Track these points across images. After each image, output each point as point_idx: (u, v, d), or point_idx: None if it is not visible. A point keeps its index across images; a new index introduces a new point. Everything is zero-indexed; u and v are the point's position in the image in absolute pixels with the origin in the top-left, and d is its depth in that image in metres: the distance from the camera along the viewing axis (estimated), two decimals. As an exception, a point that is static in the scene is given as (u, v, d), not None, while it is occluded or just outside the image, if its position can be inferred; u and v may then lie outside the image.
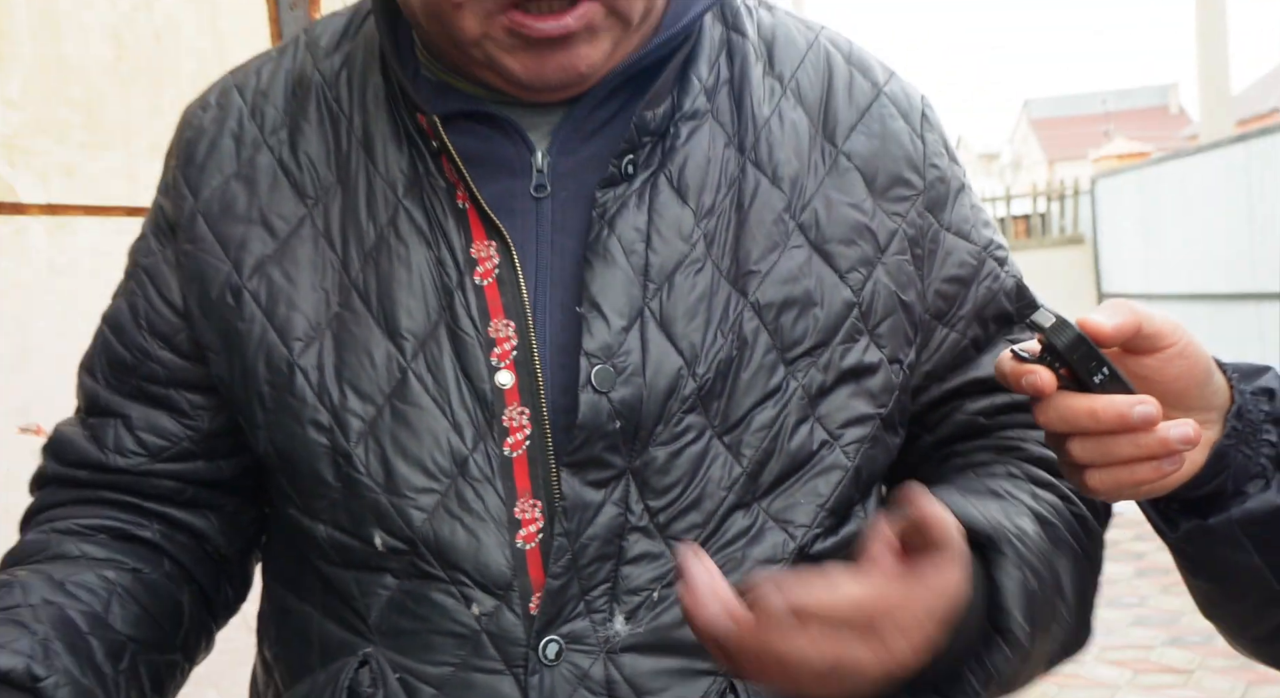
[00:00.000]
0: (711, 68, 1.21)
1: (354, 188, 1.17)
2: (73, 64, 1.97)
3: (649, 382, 1.12)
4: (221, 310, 1.17)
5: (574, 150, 1.17)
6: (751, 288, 1.15)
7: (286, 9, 2.26)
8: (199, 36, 2.13)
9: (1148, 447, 0.99)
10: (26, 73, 1.91)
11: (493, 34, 1.08)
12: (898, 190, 1.20)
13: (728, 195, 1.18)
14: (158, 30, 2.08)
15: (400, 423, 1.12)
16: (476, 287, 1.13)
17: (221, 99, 1.23)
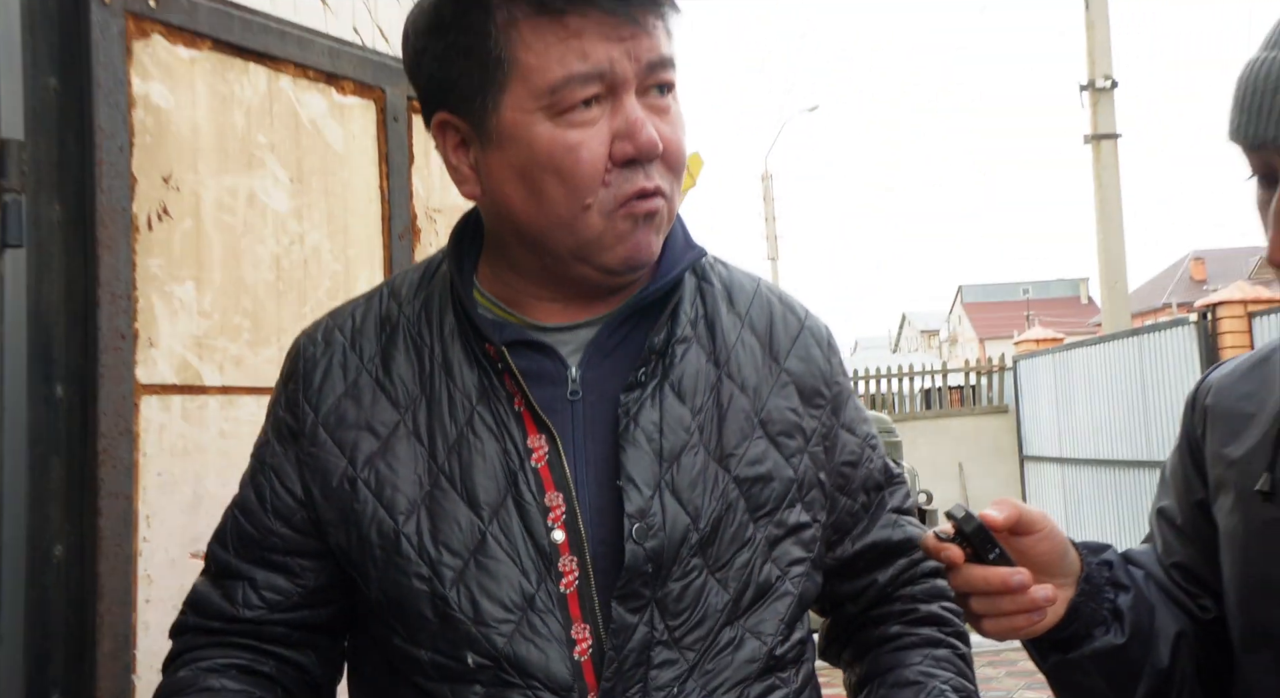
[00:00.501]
0: (692, 306, 1.32)
1: (438, 398, 1.25)
2: (246, 284, 2.06)
3: (668, 535, 1.21)
4: (341, 495, 1.25)
5: (597, 365, 1.27)
6: (732, 466, 1.26)
7: (396, 240, 2.38)
8: (334, 262, 2.24)
9: (1022, 603, 1.13)
10: (215, 291, 2.01)
11: (611, 229, 1.20)
12: (816, 399, 1.34)
13: (711, 398, 1.28)
14: (305, 258, 2.19)
15: (483, 571, 1.20)
16: (534, 469, 1.22)
17: (326, 337, 1.32)
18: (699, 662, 1.23)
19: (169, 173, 1.95)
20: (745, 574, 1.26)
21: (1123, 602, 1.22)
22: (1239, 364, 1.32)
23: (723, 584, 1.25)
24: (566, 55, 1.16)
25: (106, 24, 1.85)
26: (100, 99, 1.83)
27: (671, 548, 1.21)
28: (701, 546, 1.23)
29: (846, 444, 1.36)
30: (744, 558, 1.26)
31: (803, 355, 1.35)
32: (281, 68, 2.17)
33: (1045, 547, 1.18)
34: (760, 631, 1.26)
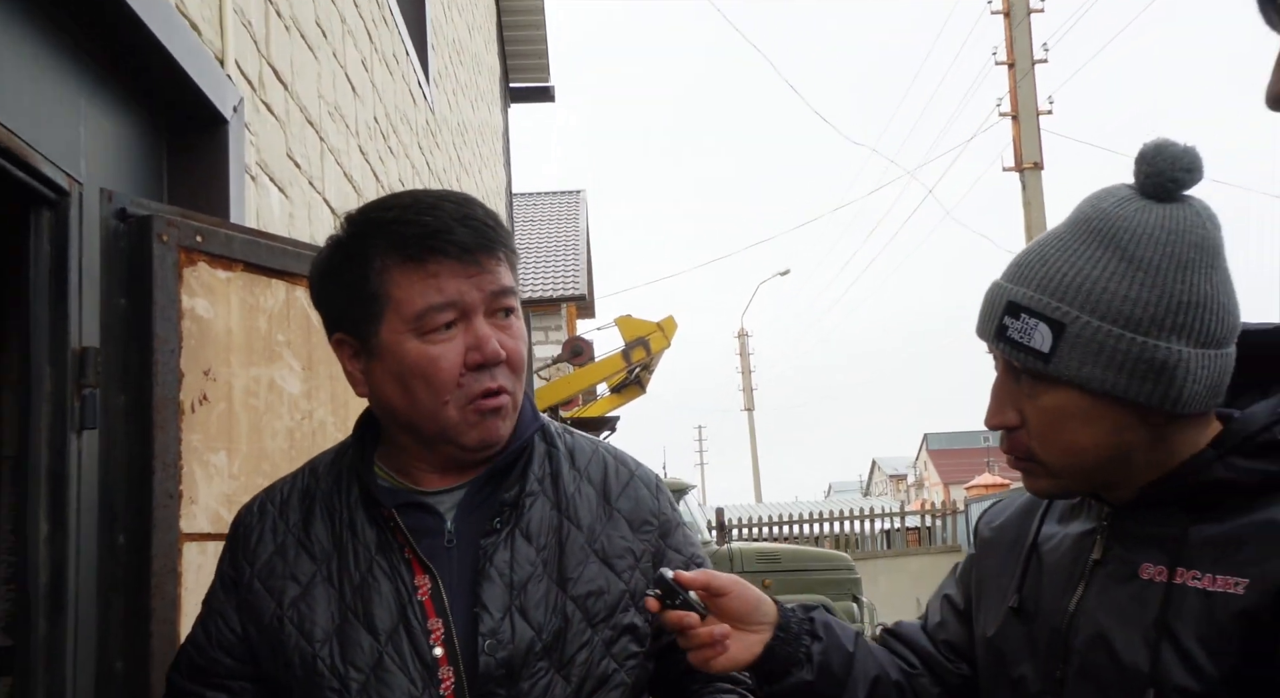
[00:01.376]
0: (540, 466, 1.51)
1: (345, 551, 1.44)
2: (266, 452, 2.36)
3: (515, 646, 1.38)
4: (270, 630, 1.43)
5: (466, 518, 1.45)
6: (569, 587, 1.44)
7: None
8: (336, 432, 2.52)
9: (702, 638, 1.34)
10: (242, 458, 2.31)
11: (465, 418, 1.39)
12: (644, 528, 1.53)
13: (553, 537, 1.46)
14: (314, 430, 2.50)
15: (381, 682, 1.37)
16: (419, 601, 1.40)
17: (260, 509, 1.52)
18: None
19: (208, 367, 2.30)
20: (585, 669, 1.42)
21: (815, 648, 1.38)
22: (1013, 506, 1.52)
23: (566, 679, 1.41)
24: (427, 291, 1.37)
25: (164, 256, 2.23)
26: (158, 314, 2.19)
27: (519, 656, 1.38)
28: (546, 651, 1.40)
29: (673, 561, 1.53)
30: (584, 656, 1.42)
31: (632, 496, 1.54)
32: (296, 281, 2.53)
33: (737, 604, 1.37)
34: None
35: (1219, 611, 1.17)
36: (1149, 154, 1.25)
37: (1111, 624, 1.25)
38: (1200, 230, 1.23)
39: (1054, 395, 1.25)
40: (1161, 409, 1.23)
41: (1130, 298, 1.21)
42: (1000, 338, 1.28)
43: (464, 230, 1.39)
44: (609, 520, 1.51)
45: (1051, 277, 1.25)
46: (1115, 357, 1.21)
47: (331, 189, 3.96)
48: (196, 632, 1.52)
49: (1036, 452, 1.29)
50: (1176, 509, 1.25)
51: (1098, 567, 1.30)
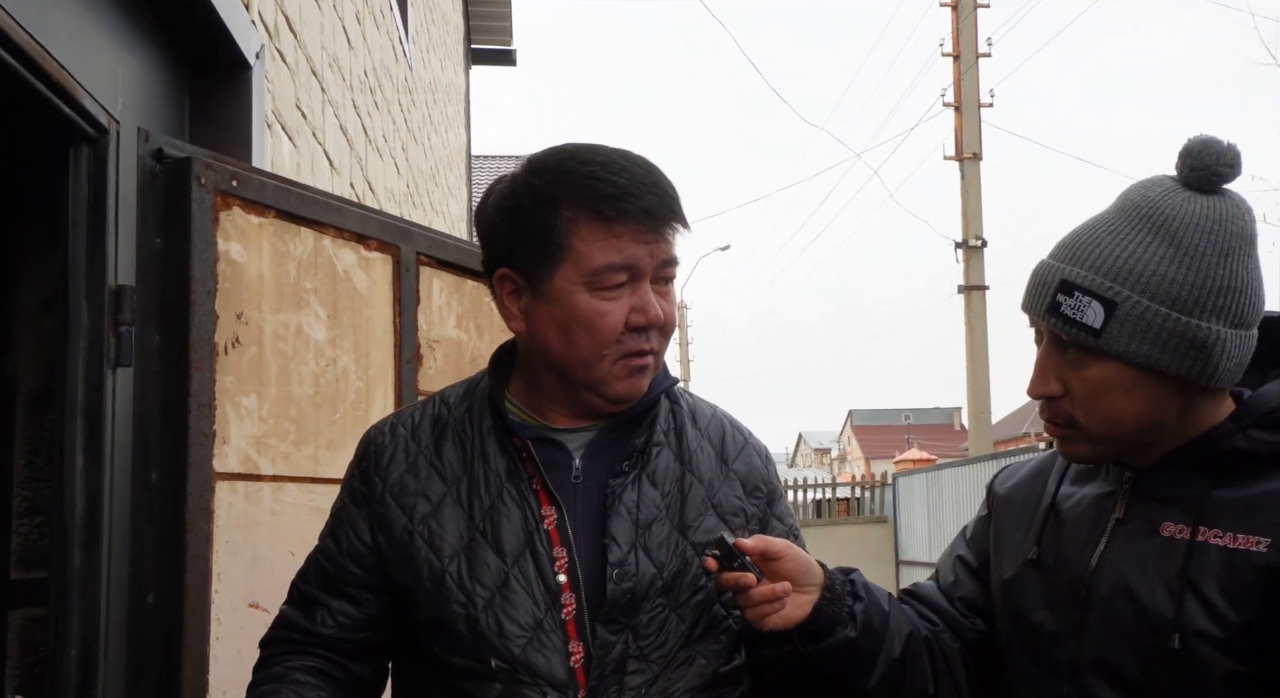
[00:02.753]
0: (665, 420, 1.55)
1: (476, 477, 1.47)
2: (293, 397, 2.35)
3: (639, 580, 1.43)
4: (401, 543, 1.46)
5: (594, 458, 1.49)
6: (689, 534, 1.48)
7: (405, 363, 2.69)
8: (358, 380, 2.54)
9: (764, 595, 1.35)
10: (270, 402, 2.30)
11: (615, 371, 1.43)
12: (755, 493, 1.57)
13: (676, 486, 1.51)
14: (337, 377, 2.49)
15: (505, 601, 1.41)
16: (545, 531, 1.44)
17: (392, 431, 1.54)
18: (661, 673, 1.43)
19: (241, 311, 2.29)
20: (699, 611, 1.47)
21: (858, 608, 1.43)
22: (1025, 468, 1.61)
23: (680, 618, 1.45)
24: (608, 250, 1.40)
25: (202, 199, 2.21)
26: (195, 256, 2.17)
27: (641, 589, 1.43)
28: (665, 589, 1.44)
29: (775, 528, 1.58)
30: (698, 600, 1.47)
31: (746, 462, 1.59)
32: (324, 230, 2.52)
33: (790, 566, 1.40)
34: (707, 654, 1.47)
35: (1241, 565, 1.25)
36: (1196, 149, 1.33)
37: (1135, 576, 1.33)
38: (1240, 221, 1.32)
39: (1100, 368, 1.33)
40: (1198, 383, 1.31)
41: (1177, 281, 1.29)
42: (1053, 313, 1.34)
43: (652, 197, 1.41)
44: (725, 480, 1.56)
45: (1105, 258, 1.32)
46: (1161, 334, 1.29)
47: (330, 142, 3.93)
48: (327, 543, 1.54)
49: (1079, 419, 1.36)
50: (1197, 474, 1.34)
51: (1120, 525, 1.38)
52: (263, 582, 2.24)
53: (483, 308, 3.03)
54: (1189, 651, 1.26)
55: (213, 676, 2.10)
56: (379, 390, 2.63)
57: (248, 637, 2.19)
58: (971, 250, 15.85)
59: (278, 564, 2.27)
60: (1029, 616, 1.44)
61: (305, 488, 2.39)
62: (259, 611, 2.23)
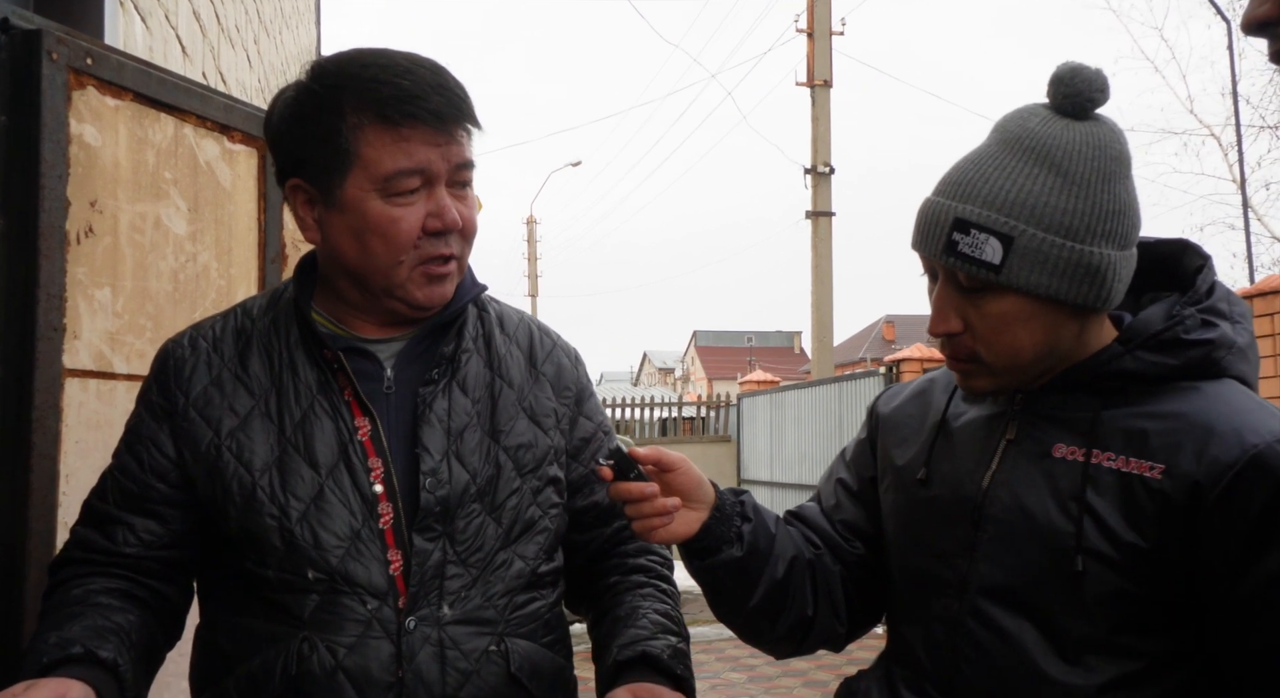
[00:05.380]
0: (474, 327, 1.56)
1: (285, 390, 1.45)
2: (150, 292, 2.22)
3: (453, 487, 1.44)
4: (207, 457, 1.43)
5: (405, 368, 1.49)
6: (501, 439, 1.50)
7: (269, 262, 2.57)
8: (219, 278, 2.41)
9: (656, 507, 1.35)
10: (126, 296, 2.16)
11: (414, 278, 1.42)
12: (564, 393, 1.60)
13: (486, 392, 1.52)
14: (197, 274, 2.36)
15: (321, 512, 1.40)
16: (360, 441, 1.43)
17: (192, 343, 1.51)
18: (480, 576, 1.45)
19: (95, 198, 2.13)
20: (514, 514, 1.48)
21: (745, 528, 1.43)
22: (907, 391, 1.62)
23: (496, 522, 1.47)
24: (398, 155, 1.37)
25: (54, 76, 2.03)
26: (46, 136, 2.00)
27: (455, 496, 1.44)
28: (479, 495, 1.46)
29: (584, 426, 1.61)
30: (513, 502, 1.49)
31: (555, 363, 1.62)
32: (185, 118, 2.36)
33: (683, 479, 1.39)
34: (525, 555, 1.49)
35: (1136, 489, 1.29)
36: (1067, 77, 1.35)
37: (1029, 496, 1.35)
38: (1117, 145, 1.36)
39: (1001, 302, 1.34)
40: (1093, 308, 1.34)
41: (1068, 209, 1.31)
42: (950, 252, 1.34)
43: (439, 99, 1.39)
44: (535, 382, 1.58)
45: (996, 193, 1.33)
46: (1058, 264, 1.31)
47: (183, 26, 3.68)
48: (124, 460, 1.49)
49: (981, 353, 1.37)
50: (1086, 396, 1.37)
51: (1011, 445, 1.40)
52: (115, 485, 2.11)
53: (351, 209, 2.91)
54: (1085, 570, 1.29)
55: None
56: (241, 289, 2.50)
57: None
58: (820, 177, 15.96)
59: (132, 467, 2.15)
60: (918, 534, 1.46)
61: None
62: (111, 514, 2.10)
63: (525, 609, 1.49)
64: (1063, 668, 1.30)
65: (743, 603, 1.47)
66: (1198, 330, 1.35)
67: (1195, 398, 1.32)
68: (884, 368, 10.07)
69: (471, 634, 1.43)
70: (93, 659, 1.29)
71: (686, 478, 1.40)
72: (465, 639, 1.42)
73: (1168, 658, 1.30)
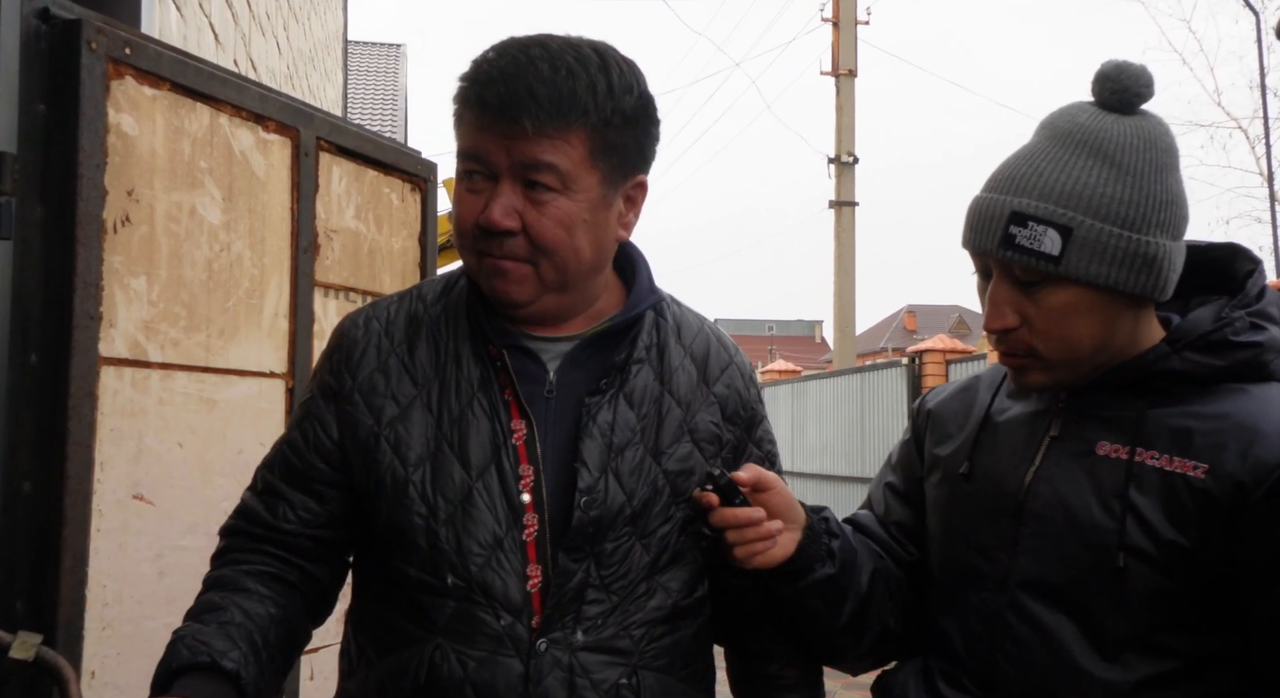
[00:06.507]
0: (648, 335, 1.46)
1: (448, 383, 1.39)
2: (185, 281, 2.23)
3: (608, 507, 1.36)
4: (366, 445, 1.39)
5: (570, 372, 1.41)
6: (663, 461, 1.41)
7: (301, 252, 2.57)
8: (252, 267, 2.42)
9: (762, 532, 1.36)
10: (161, 285, 2.17)
11: (481, 269, 1.36)
12: (735, 418, 1.49)
13: (654, 408, 1.42)
14: (231, 262, 2.36)
15: (467, 516, 1.34)
16: (513, 445, 1.36)
17: (366, 324, 1.46)
18: (620, 603, 1.37)
19: (132, 187, 2.14)
20: (664, 542, 1.41)
21: (835, 545, 1.44)
22: (952, 388, 1.61)
23: (646, 548, 1.39)
24: (460, 135, 1.35)
25: (93, 66, 2.04)
26: (84, 126, 2.01)
27: (609, 517, 1.36)
28: (633, 518, 1.38)
29: (752, 455, 1.51)
30: (665, 531, 1.41)
31: (728, 383, 1.50)
32: (221, 108, 2.36)
33: (778, 499, 1.39)
34: (669, 587, 1.41)
35: (1179, 488, 1.28)
36: (1112, 73, 1.36)
37: (1071, 493, 1.35)
38: (1166, 137, 1.36)
39: (1060, 294, 1.33)
40: (1149, 298, 1.34)
41: (1123, 200, 1.31)
42: (1008, 246, 1.33)
43: (499, 87, 1.29)
44: (705, 402, 1.48)
45: (1051, 186, 1.32)
46: (1116, 254, 1.31)
47: (216, 14, 3.69)
48: (294, 434, 1.47)
49: (1039, 348, 1.36)
50: (1132, 395, 1.36)
51: (1055, 442, 1.39)
52: (148, 473, 2.14)
53: (383, 199, 2.92)
54: (1126, 567, 1.28)
55: (93, 569, 2.01)
56: (274, 279, 2.51)
57: (131, 530, 2.12)
58: (844, 166, 15.89)
59: (164, 456, 2.17)
60: (960, 528, 1.46)
61: (195, 377, 2.28)
62: (143, 503, 2.13)
63: (662, 642, 1.41)
64: (1101, 664, 1.30)
65: (831, 623, 1.46)
66: (1247, 333, 1.35)
67: (1242, 399, 1.32)
68: (906, 359, 10.02)
69: (604, 664, 1.36)
70: (216, 669, 1.26)
71: (781, 498, 1.40)
72: (596, 668, 1.35)
73: (1206, 659, 1.29)
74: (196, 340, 2.28)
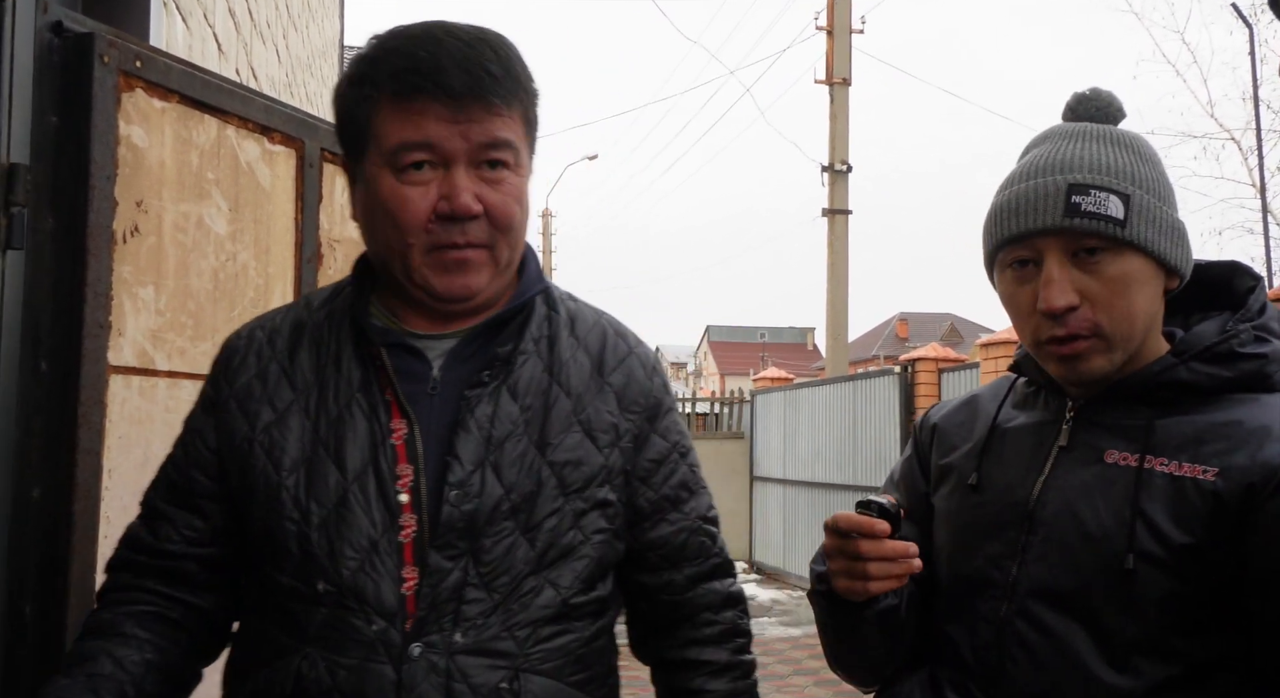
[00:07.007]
0: (538, 327, 1.43)
1: (328, 386, 1.37)
2: (192, 290, 2.26)
3: (483, 501, 1.32)
4: (240, 451, 1.37)
5: (455, 368, 1.38)
6: (548, 453, 1.37)
7: (305, 262, 2.61)
8: (257, 277, 2.46)
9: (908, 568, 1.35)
10: (169, 295, 2.20)
11: (429, 264, 1.32)
12: (633, 407, 1.45)
13: (540, 399, 1.39)
14: (236, 272, 2.39)
15: (341, 520, 1.31)
16: (392, 445, 1.33)
17: (249, 334, 1.45)
18: (503, 602, 1.32)
19: (141, 198, 2.17)
20: (551, 537, 1.36)
21: None
22: (955, 402, 1.62)
23: (530, 543, 1.34)
24: (405, 127, 1.30)
25: (105, 79, 2.07)
26: (96, 138, 2.05)
27: (484, 511, 1.32)
28: (513, 511, 1.34)
29: (656, 446, 1.48)
30: (551, 524, 1.36)
31: (626, 373, 1.47)
32: (228, 120, 2.40)
33: None
34: (558, 583, 1.36)
35: (1188, 491, 1.29)
36: (1089, 95, 1.46)
37: (1080, 501, 1.36)
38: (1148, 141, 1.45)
39: (1121, 262, 1.35)
40: (1182, 275, 1.39)
41: (1152, 178, 1.38)
42: (1074, 213, 1.33)
43: (459, 73, 1.29)
44: (599, 393, 1.44)
45: (1098, 163, 1.36)
46: (1164, 224, 1.36)
47: (219, 24, 3.72)
48: (176, 452, 1.46)
49: (1103, 324, 1.35)
50: (1141, 405, 1.38)
51: (1063, 452, 1.40)
52: (156, 480, 2.16)
53: (385, 210, 2.94)
54: (1135, 571, 1.29)
55: (100, 574, 1.99)
56: (278, 288, 2.54)
57: (140, 535, 2.13)
58: (837, 175, 15.87)
59: (172, 462, 2.19)
60: (969, 539, 1.46)
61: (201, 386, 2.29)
62: (152, 508, 2.15)
63: (551, 643, 1.36)
64: (1110, 670, 1.30)
65: (876, 649, 1.47)
66: (1252, 345, 1.37)
67: (1250, 407, 1.34)
68: (899, 367, 10.04)
69: (484, 667, 1.31)
70: None
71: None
72: (476, 672, 1.30)
73: (1216, 663, 1.30)
74: (202, 349, 2.31)
